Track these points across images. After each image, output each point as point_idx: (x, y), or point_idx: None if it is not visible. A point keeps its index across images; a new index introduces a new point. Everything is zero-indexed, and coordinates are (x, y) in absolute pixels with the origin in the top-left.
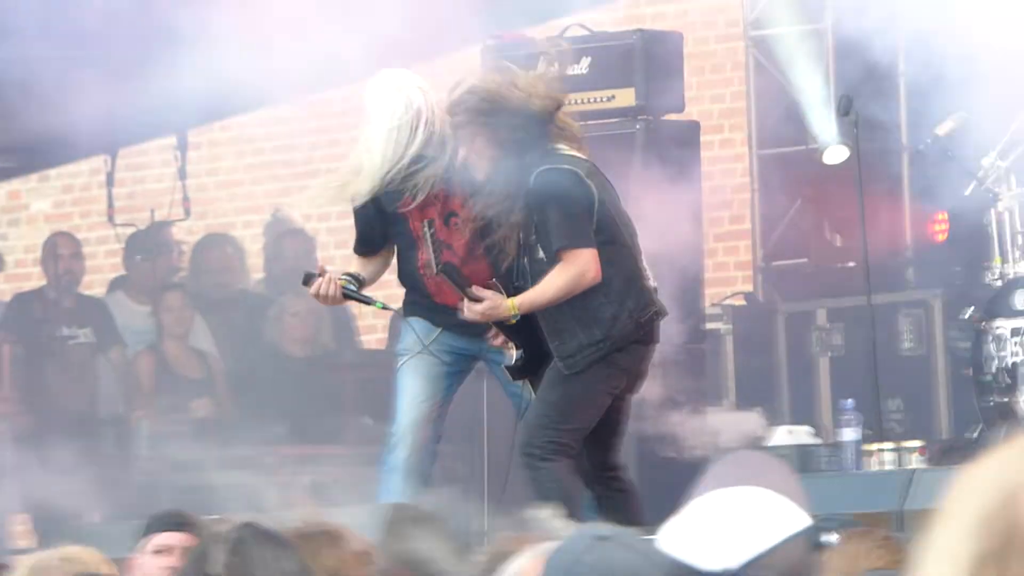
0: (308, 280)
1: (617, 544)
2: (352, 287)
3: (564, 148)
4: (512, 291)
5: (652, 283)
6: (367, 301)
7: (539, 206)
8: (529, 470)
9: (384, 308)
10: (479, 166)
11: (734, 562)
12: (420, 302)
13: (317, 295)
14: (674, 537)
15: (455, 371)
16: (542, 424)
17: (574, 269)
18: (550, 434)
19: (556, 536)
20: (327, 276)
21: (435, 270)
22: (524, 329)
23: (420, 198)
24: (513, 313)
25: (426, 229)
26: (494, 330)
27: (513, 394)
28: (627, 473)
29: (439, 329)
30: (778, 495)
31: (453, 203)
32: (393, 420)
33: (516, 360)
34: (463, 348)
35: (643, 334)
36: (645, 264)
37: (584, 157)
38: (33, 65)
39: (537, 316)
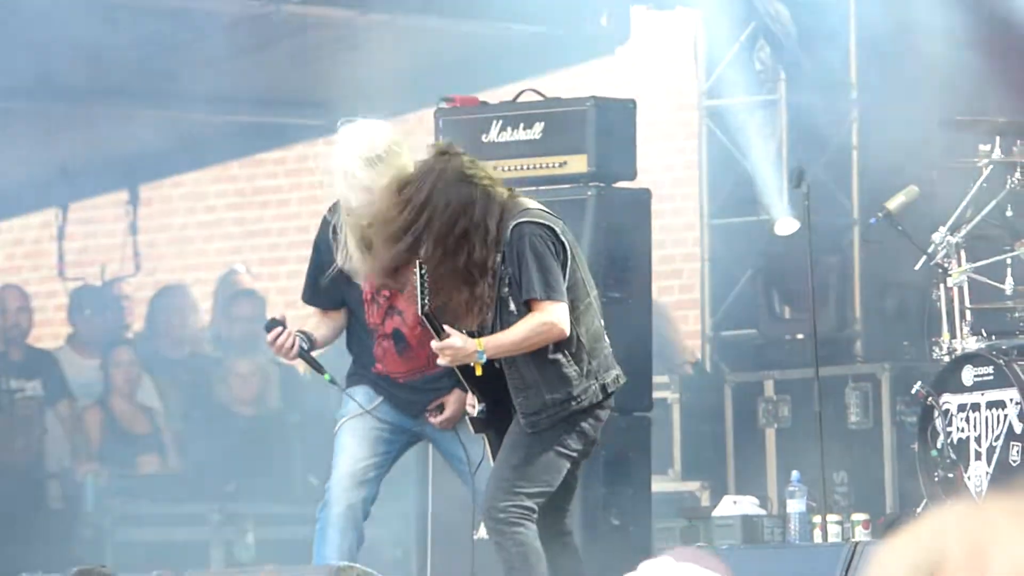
0: (271, 327)
1: None
2: (306, 347)
3: (533, 203)
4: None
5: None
6: (318, 369)
7: (514, 258)
8: (494, 534)
9: (332, 382)
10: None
11: None
12: (364, 374)
13: (274, 344)
14: None
15: (393, 440)
16: (505, 488)
17: (544, 319)
18: (514, 498)
19: None
20: (287, 331)
21: (419, 310)
22: (488, 383)
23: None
24: (479, 350)
25: (377, 293)
26: (434, 402)
27: (456, 459)
28: (574, 538)
29: (380, 398)
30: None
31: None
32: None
33: (479, 413)
34: (402, 423)
35: (606, 397)
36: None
37: (557, 215)
38: None
39: (504, 370)
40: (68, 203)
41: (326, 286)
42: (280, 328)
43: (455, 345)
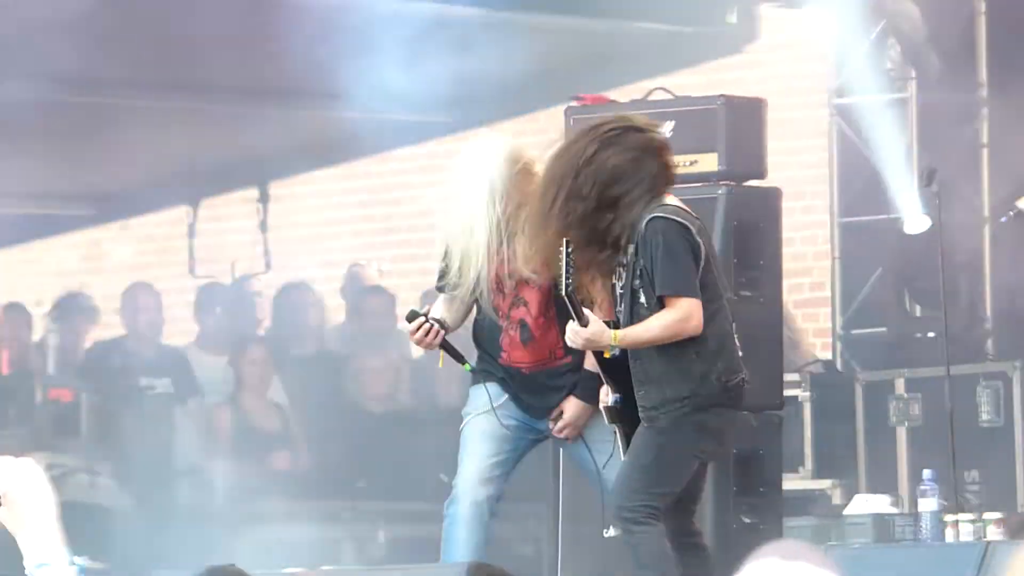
0: (412, 318)
1: None
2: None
3: (673, 200)
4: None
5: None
6: (458, 358)
7: (648, 251)
8: (624, 533)
9: (472, 371)
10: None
11: None
12: (492, 371)
13: (415, 334)
14: None
15: (520, 438)
16: (634, 487)
17: (678, 314)
18: (644, 498)
19: None
20: (429, 324)
21: (564, 291)
22: (623, 374)
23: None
24: (614, 343)
25: (506, 281)
26: (556, 412)
27: (581, 459)
28: (703, 539)
29: (506, 396)
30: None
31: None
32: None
33: (613, 402)
34: (527, 422)
35: (728, 398)
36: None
37: (695, 216)
38: (119, 114)
39: (629, 363)
40: (199, 201)
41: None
42: (422, 319)
43: (590, 335)
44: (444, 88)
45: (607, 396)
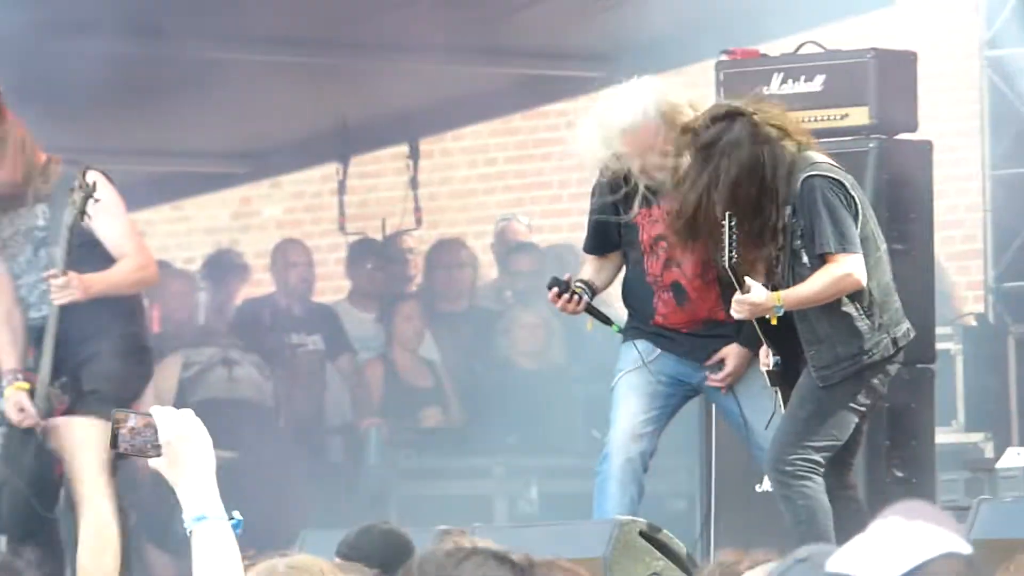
0: (553, 285)
1: (811, 565)
2: (588, 298)
3: (820, 157)
4: None
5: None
6: (605, 320)
7: (806, 210)
8: (780, 487)
9: (619, 332)
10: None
11: (892, 574)
12: (642, 328)
13: (556, 302)
14: (844, 558)
15: (672, 394)
16: (792, 442)
17: (840, 270)
18: (801, 451)
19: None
20: (570, 289)
21: (726, 263)
22: (784, 336)
23: (636, 210)
24: (778, 305)
25: (656, 244)
26: (714, 357)
27: (731, 414)
28: (858, 492)
29: (658, 351)
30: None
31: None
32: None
33: (774, 365)
34: (681, 374)
35: (897, 351)
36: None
37: (845, 169)
38: (269, 71)
39: (795, 324)
40: (349, 157)
41: (608, 231)
42: (562, 287)
43: (754, 300)
44: (595, 43)
45: (767, 358)
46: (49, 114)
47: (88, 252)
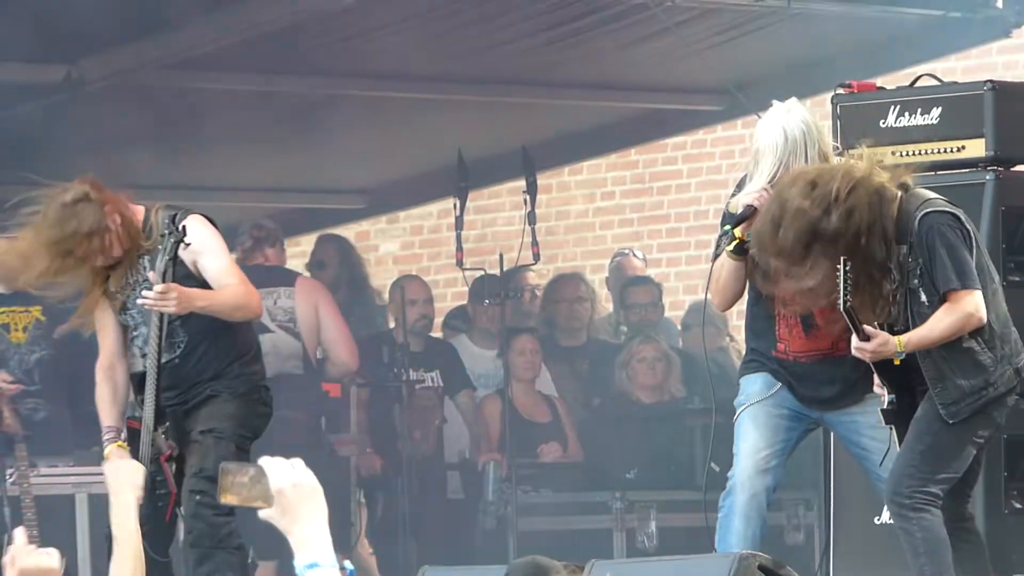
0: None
1: None
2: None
3: (930, 193)
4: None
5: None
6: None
7: (924, 249)
8: (899, 520)
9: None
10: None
11: None
12: (763, 361)
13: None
14: None
15: (793, 427)
16: (910, 474)
17: (962, 310)
18: (919, 484)
19: None
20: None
21: (841, 307)
22: (899, 374)
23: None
24: (900, 351)
25: None
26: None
27: (856, 446)
28: (975, 524)
29: (779, 385)
30: None
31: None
32: (731, 465)
33: (889, 404)
34: (801, 411)
35: (1017, 382)
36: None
37: (954, 202)
38: (388, 106)
39: (918, 362)
40: (466, 192)
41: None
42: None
43: (872, 347)
44: (713, 77)
45: (883, 398)
46: (172, 151)
47: None
